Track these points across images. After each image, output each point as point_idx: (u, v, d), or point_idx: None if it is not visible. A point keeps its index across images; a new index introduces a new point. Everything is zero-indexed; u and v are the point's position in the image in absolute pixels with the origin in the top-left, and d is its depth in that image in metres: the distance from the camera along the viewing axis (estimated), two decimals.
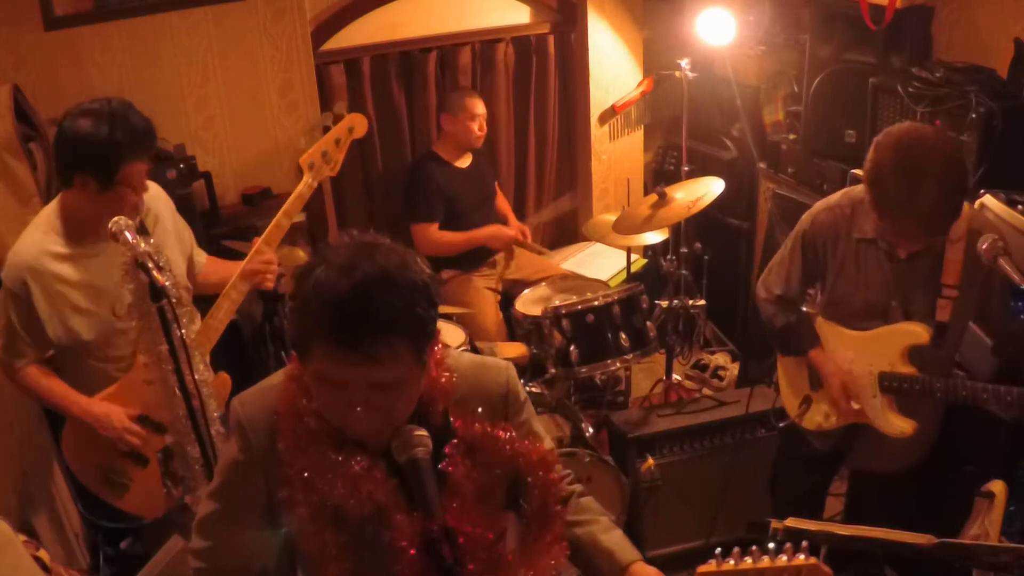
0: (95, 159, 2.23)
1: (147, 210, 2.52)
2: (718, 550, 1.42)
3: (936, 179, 2.06)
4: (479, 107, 3.97)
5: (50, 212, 2.39)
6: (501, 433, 1.49)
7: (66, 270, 2.35)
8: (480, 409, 1.51)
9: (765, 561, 1.38)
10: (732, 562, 1.40)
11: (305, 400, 1.44)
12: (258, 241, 2.62)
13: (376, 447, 1.44)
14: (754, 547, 1.40)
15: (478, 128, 3.97)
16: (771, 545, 1.40)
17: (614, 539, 1.63)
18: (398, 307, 1.31)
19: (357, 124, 2.75)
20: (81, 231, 2.36)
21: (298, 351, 1.39)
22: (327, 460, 1.42)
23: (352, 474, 1.41)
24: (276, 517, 1.51)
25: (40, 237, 2.35)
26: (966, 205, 2.27)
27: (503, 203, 4.34)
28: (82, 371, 2.45)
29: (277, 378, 1.52)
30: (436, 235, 3.94)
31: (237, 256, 2.81)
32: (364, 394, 1.34)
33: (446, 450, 1.46)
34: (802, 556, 1.36)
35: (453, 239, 3.97)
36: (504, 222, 4.22)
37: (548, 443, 1.62)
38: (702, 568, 1.42)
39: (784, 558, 1.37)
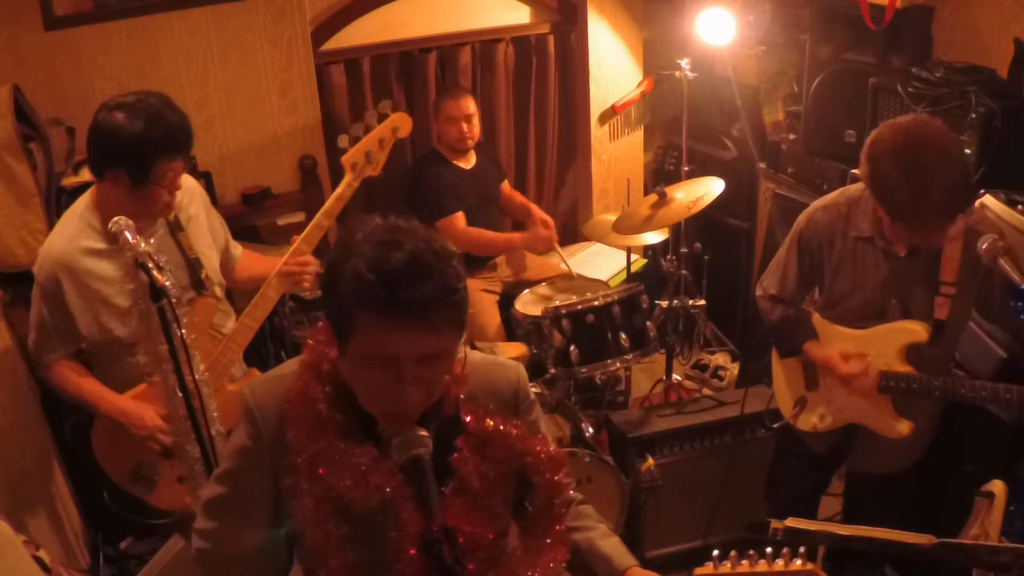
0: (128, 155, 2.20)
1: (181, 206, 2.50)
2: (715, 552, 1.42)
3: (943, 172, 2.03)
4: (457, 109, 3.85)
5: (84, 205, 2.36)
6: (512, 430, 1.50)
7: (100, 266, 2.32)
8: (491, 405, 1.52)
9: (762, 565, 1.38)
10: (729, 565, 1.39)
11: (318, 388, 1.44)
12: (297, 240, 2.59)
13: (386, 439, 1.44)
14: (751, 551, 1.40)
15: (458, 131, 3.87)
16: (768, 549, 1.40)
17: (612, 545, 1.64)
18: (448, 275, 1.33)
19: (401, 124, 2.72)
20: None
21: (342, 333, 1.37)
22: (335, 449, 1.42)
23: (360, 465, 1.41)
24: (280, 507, 1.51)
25: (74, 232, 2.32)
26: None
27: (519, 196, 4.29)
28: (115, 367, 2.44)
29: (289, 367, 1.52)
30: (467, 230, 3.85)
31: None
32: (413, 368, 1.34)
33: (457, 443, 1.46)
34: (799, 561, 1.36)
35: (488, 237, 3.90)
36: (522, 218, 4.18)
37: (552, 445, 1.62)
38: (699, 571, 1.42)
39: (781, 562, 1.37)
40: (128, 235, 2.08)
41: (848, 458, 2.65)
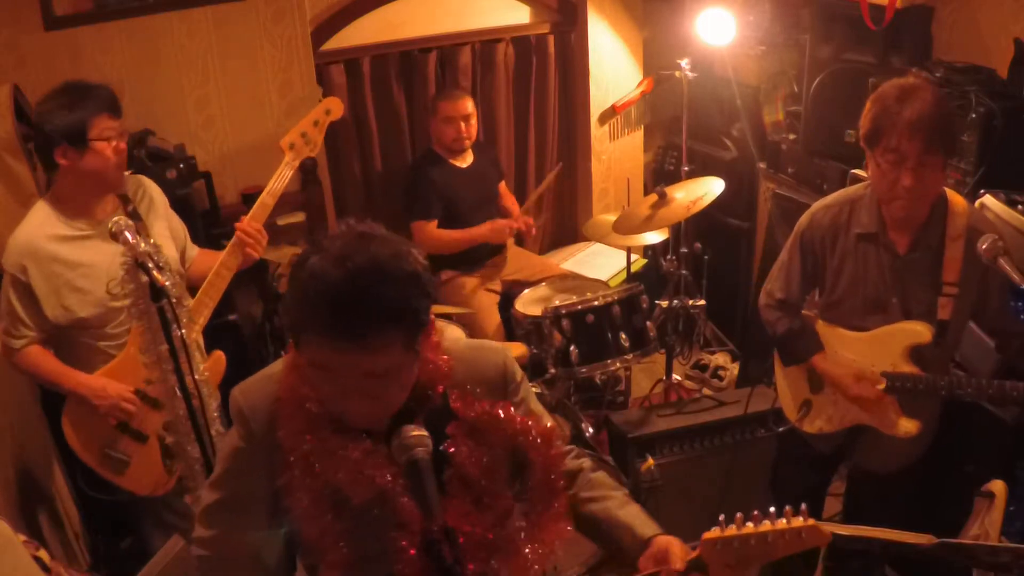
0: (63, 126, 2.36)
1: (141, 194, 2.64)
2: (721, 516, 1.44)
3: (925, 95, 2.15)
4: (455, 109, 3.86)
5: (46, 199, 2.51)
6: (501, 411, 1.51)
7: (62, 250, 2.45)
8: (479, 391, 1.52)
9: (766, 525, 1.41)
10: (735, 527, 1.42)
11: (306, 387, 1.44)
12: (245, 219, 2.72)
13: (378, 432, 1.45)
14: (755, 511, 1.42)
15: (455, 131, 3.87)
16: (772, 509, 1.43)
17: (631, 513, 1.61)
18: (390, 297, 1.31)
19: (333, 107, 2.88)
20: (75, 213, 2.48)
21: (293, 339, 1.40)
22: (328, 445, 1.43)
23: (353, 458, 1.42)
24: (278, 505, 1.51)
25: (38, 222, 2.46)
26: (966, 203, 2.28)
27: (508, 198, 4.30)
28: (80, 351, 2.53)
29: (277, 367, 1.53)
30: (434, 233, 3.89)
31: None
32: (358, 381, 1.35)
33: (448, 431, 1.47)
34: (800, 519, 1.40)
35: (452, 236, 3.91)
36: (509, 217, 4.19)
37: (547, 420, 1.62)
38: (707, 535, 1.44)
39: (784, 521, 1.41)
40: (128, 235, 2.10)
41: (850, 457, 2.65)
